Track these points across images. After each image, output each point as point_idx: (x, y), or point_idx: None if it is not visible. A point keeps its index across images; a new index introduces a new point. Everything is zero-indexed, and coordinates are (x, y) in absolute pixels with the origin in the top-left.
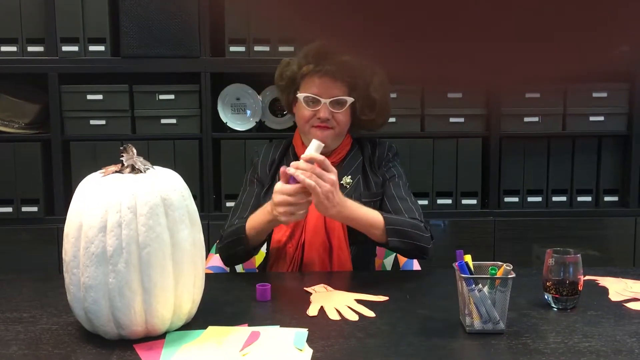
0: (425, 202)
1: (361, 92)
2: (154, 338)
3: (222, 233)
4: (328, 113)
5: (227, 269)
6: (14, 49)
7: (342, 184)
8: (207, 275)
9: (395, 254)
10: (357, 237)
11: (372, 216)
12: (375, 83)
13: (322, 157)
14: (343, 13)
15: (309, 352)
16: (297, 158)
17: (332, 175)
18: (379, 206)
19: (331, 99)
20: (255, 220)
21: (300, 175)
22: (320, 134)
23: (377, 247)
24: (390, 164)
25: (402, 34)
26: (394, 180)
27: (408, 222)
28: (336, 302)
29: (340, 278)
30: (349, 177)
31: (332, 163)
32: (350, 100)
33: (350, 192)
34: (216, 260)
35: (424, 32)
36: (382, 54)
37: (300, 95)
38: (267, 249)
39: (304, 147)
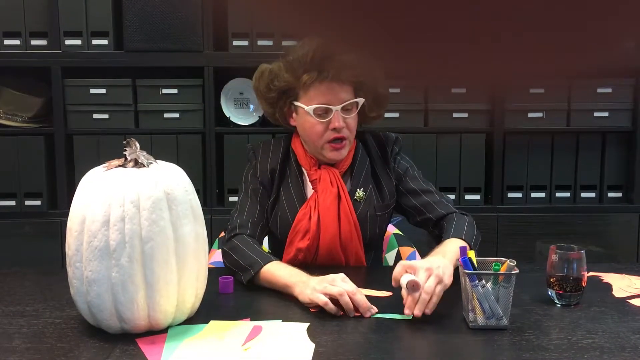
0: None
1: (369, 90)
2: (157, 332)
3: (228, 233)
4: (342, 121)
5: None
6: (17, 42)
7: (355, 199)
8: (209, 269)
9: (397, 248)
10: (370, 245)
11: (456, 249)
12: (380, 76)
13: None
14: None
15: (311, 346)
16: (300, 168)
17: (445, 279)
18: (391, 213)
19: (342, 105)
20: (276, 276)
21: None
22: (336, 155)
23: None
24: (399, 157)
25: (404, 30)
26: (409, 173)
27: (466, 225)
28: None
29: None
30: (361, 189)
31: (340, 172)
32: (361, 101)
33: (364, 207)
34: (219, 256)
35: (426, 30)
36: (384, 51)
37: (310, 108)
38: (269, 248)
39: (307, 157)
